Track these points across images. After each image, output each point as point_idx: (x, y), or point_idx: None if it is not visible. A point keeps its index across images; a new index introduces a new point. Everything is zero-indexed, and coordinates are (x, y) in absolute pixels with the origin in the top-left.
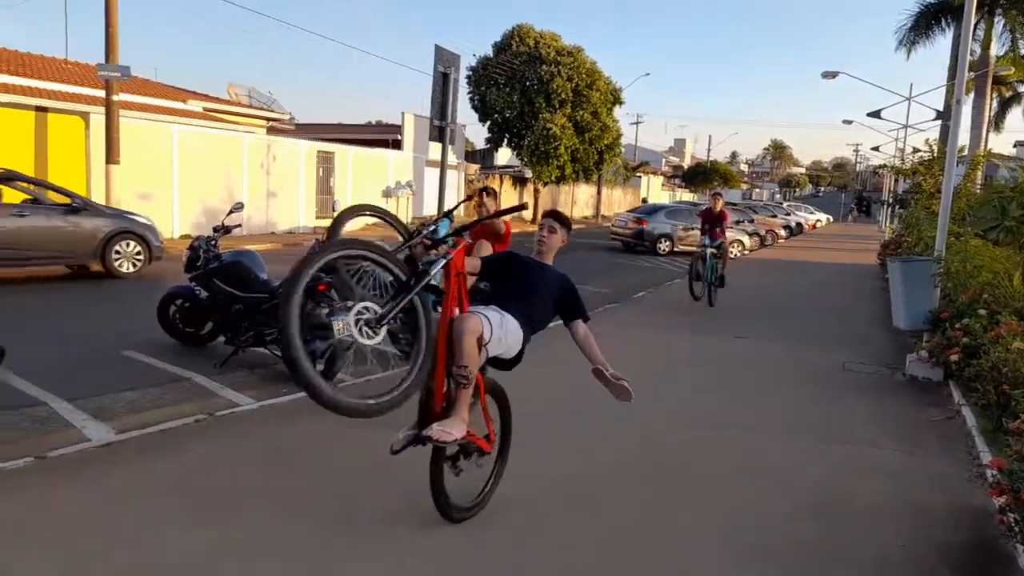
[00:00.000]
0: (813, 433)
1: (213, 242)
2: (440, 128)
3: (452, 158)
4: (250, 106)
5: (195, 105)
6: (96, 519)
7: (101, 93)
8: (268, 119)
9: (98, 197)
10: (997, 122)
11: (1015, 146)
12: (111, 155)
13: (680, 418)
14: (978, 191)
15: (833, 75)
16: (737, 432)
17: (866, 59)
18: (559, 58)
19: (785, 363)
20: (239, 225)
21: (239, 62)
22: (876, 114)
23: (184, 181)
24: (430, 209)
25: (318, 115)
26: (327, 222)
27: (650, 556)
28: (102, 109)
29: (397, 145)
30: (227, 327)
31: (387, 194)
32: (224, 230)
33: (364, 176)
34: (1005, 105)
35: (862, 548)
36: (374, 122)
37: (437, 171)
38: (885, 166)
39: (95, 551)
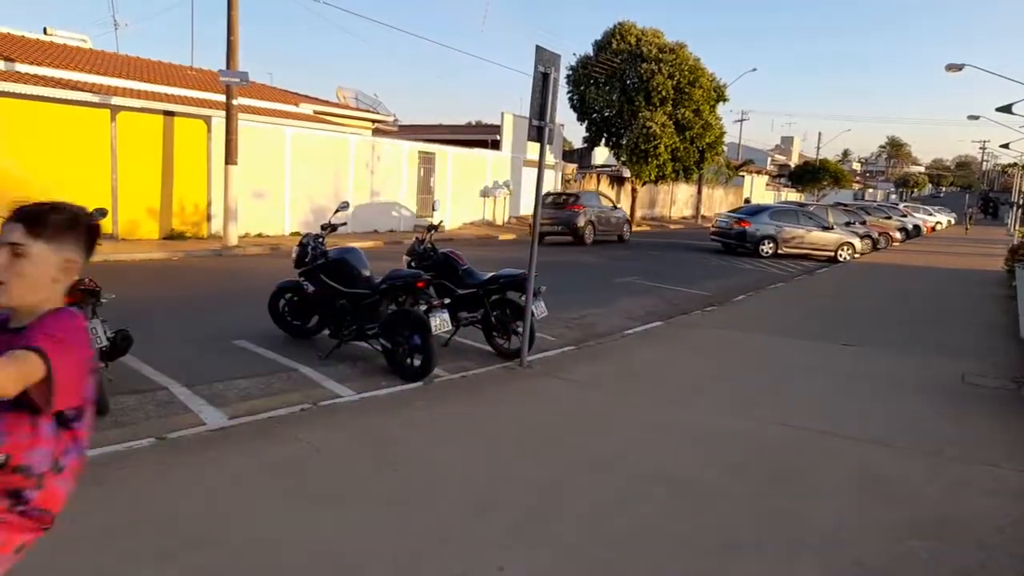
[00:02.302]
0: (930, 448)
1: (320, 239)
2: (539, 128)
3: (550, 158)
4: (357, 108)
5: (306, 108)
6: (212, 497)
7: (222, 98)
8: (373, 120)
9: (217, 196)
10: None
11: None
12: (229, 156)
13: (791, 427)
14: None
15: (958, 68)
16: (850, 444)
17: (995, 50)
18: (661, 55)
19: (898, 373)
20: (345, 223)
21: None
22: (1007, 108)
23: (295, 181)
24: (526, 209)
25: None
26: (428, 220)
27: (754, 566)
28: (222, 113)
29: (496, 145)
30: (331, 321)
31: (485, 193)
32: (331, 228)
33: (463, 176)
34: None
35: (981, 572)
36: (474, 122)
37: (535, 171)
38: (1015, 164)
39: (208, 526)
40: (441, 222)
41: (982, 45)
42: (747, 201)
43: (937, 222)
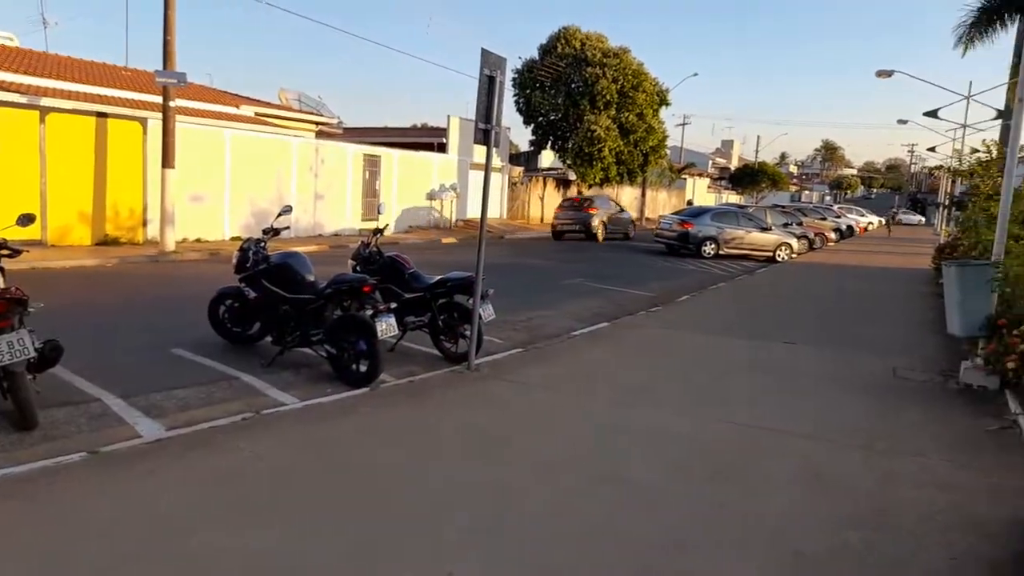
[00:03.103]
0: (864, 441)
1: (262, 244)
2: (485, 131)
3: (496, 161)
4: (299, 111)
5: (247, 110)
6: (147, 511)
7: (158, 99)
8: (317, 123)
9: (154, 200)
10: None
11: None
12: (167, 159)
13: (734, 424)
14: None
15: (888, 74)
16: (790, 439)
17: (922, 57)
18: (605, 60)
19: (834, 369)
20: (287, 227)
21: (291, 67)
22: (933, 113)
23: (236, 184)
24: (473, 211)
25: (366, 119)
26: (373, 224)
27: (698, 561)
28: (159, 115)
29: (442, 148)
30: (274, 327)
31: (431, 196)
32: (273, 232)
33: (409, 179)
34: None
35: (910, 561)
36: (420, 125)
37: (481, 174)
38: (941, 167)
39: (145, 541)
40: (387, 225)
41: (911, 52)
42: (690, 203)
43: (869, 222)
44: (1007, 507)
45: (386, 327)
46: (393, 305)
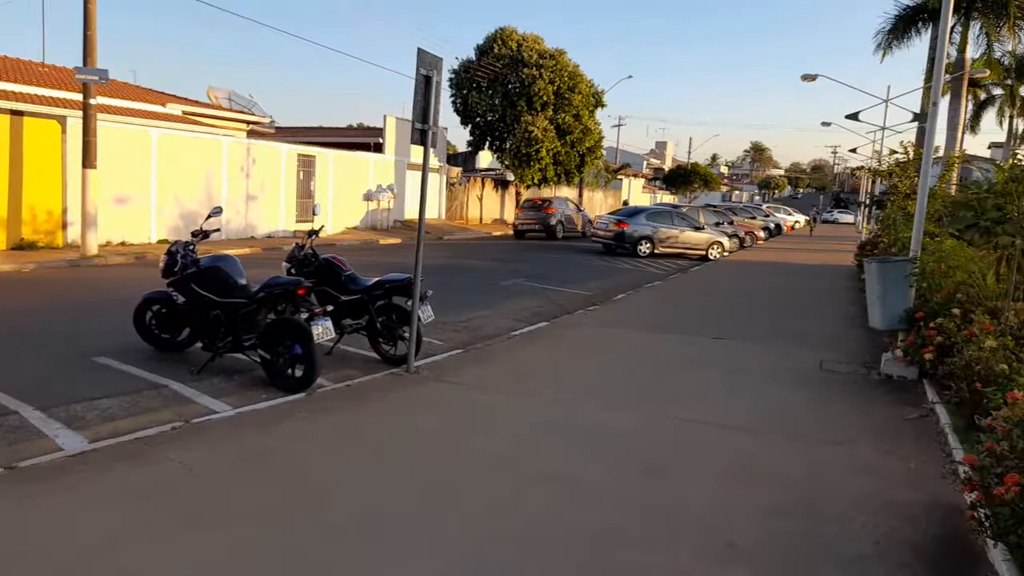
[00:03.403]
0: (793, 432)
1: (191, 247)
2: (422, 131)
3: (434, 161)
4: (230, 109)
5: (174, 108)
6: (68, 528)
7: (79, 96)
8: (248, 122)
9: (74, 202)
10: (972, 124)
11: (990, 147)
12: (88, 159)
13: (669, 419)
14: (953, 192)
15: (812, 78)
16: (723, 432)
17: (845, 61)
18: (541, 61)
19: (764, 363)
20: (218, 230)
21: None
22: (854, 116)
23: (162, 185)
24: (411, 212)
25: (299, 118)
26: (308, 225)
27: (636, 555)
28: (79, 113)
29: (379, 148)
30: (205, 333)
31: (368, 197)
32: (202, 235)
33: (345, 179)
34: (980, 107)
35: (839, 546)
36: (356, 125)
37: (419, 174)
38: (862, 167)
39: (66, 561)
40: (322, 227)
41: (837, 57)
42: (625, 203)
43: (796, 221)
44: (926, 492)
45: (322, 330)
46: (329, 308)
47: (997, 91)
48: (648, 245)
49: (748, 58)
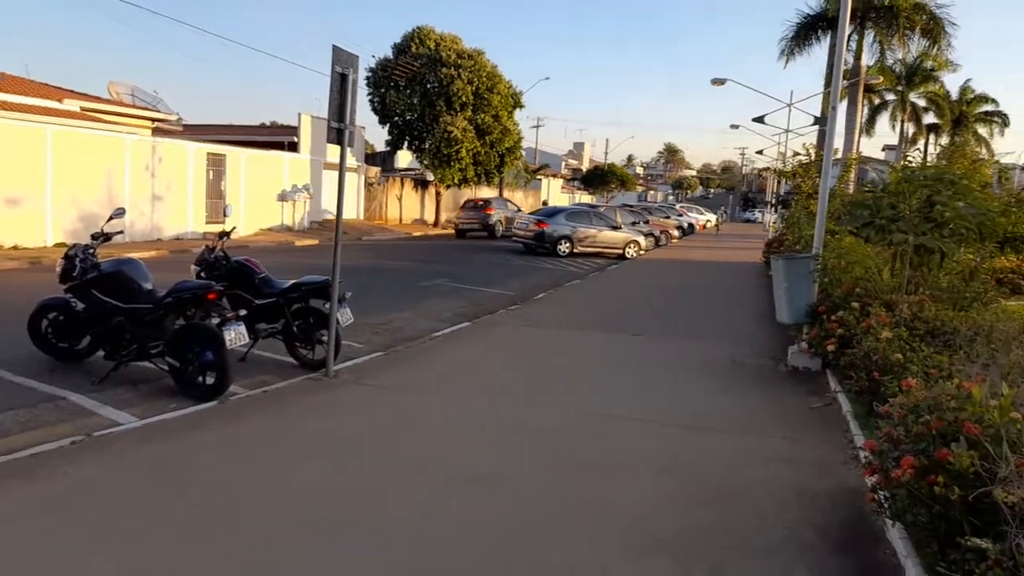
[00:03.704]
0: (708, 424)
1: (91, 250)
2: (338, 130)
3: (352, 160)
4: (133, 106)
5: (72, 104)
6: None
7: None
8: (153, 119)
9: None
10: (868, 127)
11: (884, 149)
12: None
13: (591, 414)
14: (851, 192)
15: (721, 82)
16: (641, 426)
17: (754, 66)
18: (460, 61)
19: (681, 358)
20: (121, 232)
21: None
22: (760, 119)
23: (59, 185)
24: (329, 213)
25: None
26: (219, 227)
27: (564, 552)
28: None
29: (293, 147)
30: (107, 341)
31: (283, 197)
32: (104, 237)
33: (258, 179)
34: (875, 111)
35: (753, 533)
36: (269, 123)
37: (336, 173)
38: (768, 169)
39: None
40: (234, 228)
41: (744, 62)
42: (545, 203)
43: (708, 220)
44: (831, 477)
45: (235, 335)
46: (243, 312)
47: (890, 96)
48: (567, 244)
49: (662, 61)
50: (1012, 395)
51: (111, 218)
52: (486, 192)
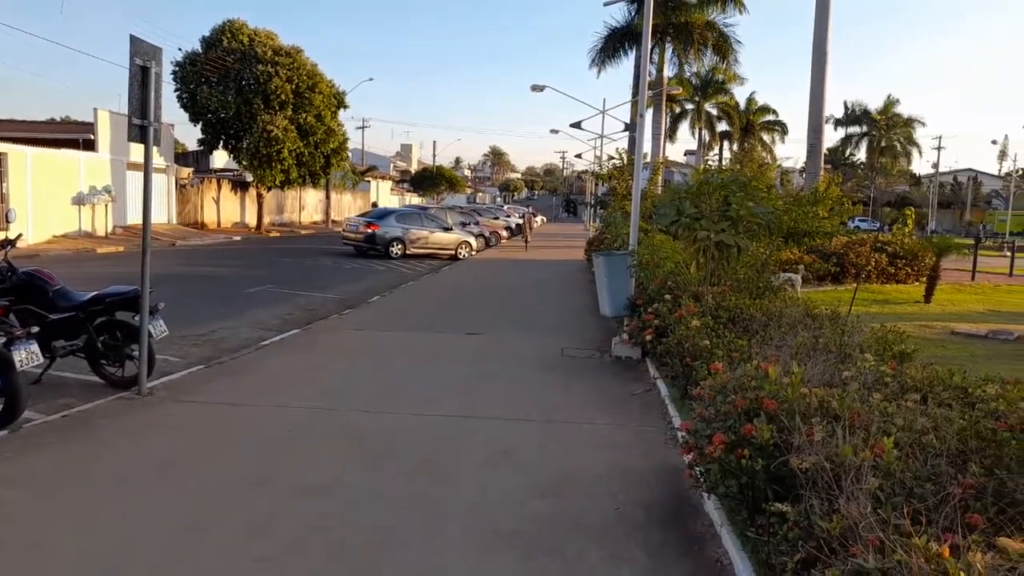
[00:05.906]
0: (543, 415)
1: None
2: (141, 128)
3: (159, 160)
4: None
5: None
6: None
7: None
8: None
9: None
10: (671, 134)
11: (685, 154)
12: None
13: (427, 415)
14: (659, 192)
15: (541, 88)
16: (477, 422)
17: (570, 73)
18: (277, 58)
19: (514, 354)
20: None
21: None
22: (577, 125)
23: None
24: (135, 217)
25: None
26: (2, 235)
27: (407, 555)
28: None
29: (90, 146)
30: None
31: (80, 201)
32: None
33: (49, 180)
34: (677, 119)
35: (588, 516)
36: (60, 119)
37: (141, 174)
38: (587, 172)
39: None
40: (20, 235)
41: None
42: (375, 205)
43: (542, 218)
44: (654, 458)
45: (26, 356)
46: (35, 329)
47: (689, 106)
48: (400, 246)
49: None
50: (801, 373)
51: None
52: (312, 194)
